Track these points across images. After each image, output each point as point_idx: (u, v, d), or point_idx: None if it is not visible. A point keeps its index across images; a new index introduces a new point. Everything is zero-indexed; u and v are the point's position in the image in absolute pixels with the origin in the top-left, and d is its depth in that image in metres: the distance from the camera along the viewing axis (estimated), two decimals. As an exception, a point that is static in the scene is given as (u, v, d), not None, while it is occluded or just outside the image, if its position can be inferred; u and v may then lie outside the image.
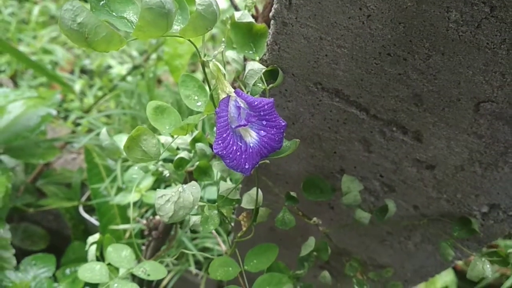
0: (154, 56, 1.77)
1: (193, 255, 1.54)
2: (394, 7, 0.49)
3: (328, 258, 0.91)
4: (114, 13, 0.47)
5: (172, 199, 0.65)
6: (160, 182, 1.52)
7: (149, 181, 1.28)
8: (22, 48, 2.46)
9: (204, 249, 1.61)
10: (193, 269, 1.49)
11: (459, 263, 1.77)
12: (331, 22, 0.54)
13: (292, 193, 0.77)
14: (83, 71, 2.51)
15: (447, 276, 1.67)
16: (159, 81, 2.46)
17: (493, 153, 0.61)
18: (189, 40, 0.51)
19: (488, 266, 0.69)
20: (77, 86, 2.31)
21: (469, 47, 0.49)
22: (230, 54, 0.75)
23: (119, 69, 2.31)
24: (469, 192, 0.69)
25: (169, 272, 1.47)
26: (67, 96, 2.30)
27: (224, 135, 0.53)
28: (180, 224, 1.41)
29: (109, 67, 2.44)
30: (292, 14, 0.55)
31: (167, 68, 2.27)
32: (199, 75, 1.97)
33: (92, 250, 1.05)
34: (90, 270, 0.87)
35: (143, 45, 2.00)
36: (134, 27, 0.46)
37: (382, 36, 0.53)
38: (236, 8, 0.74)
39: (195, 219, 0.71)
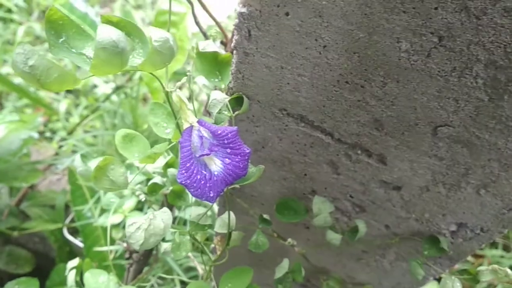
0: (137, 75, 1.78)
1: (179, 275, 1.53)
2: (348, 38, 0.51)
3: (306, 278, 0.92)
4: (73, 50, 0.48)
5: (143, 227, 0.65)
6: (143, 203, 1.52)
7: (132, 202, 1.28)
8: (7, 69, 2.46)
9: (189, 269, 1.61)
10: (178, 289, 1.48)
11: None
12: (290, 52, 0.55)
13: (265, 216, 0.77)
14: (69, 90, 2.51)
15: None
16: (145, 99, 2.47)
17: (454, 175, 0.62)
18: (152, 74, 0.52)
19: (458, 284, 0.70)
20: (63, 105, 2.31)
21: (422, 75, 0.51)
22: (200, 80, 0.76)
23: (104, 88, 2.32)
24: (436, 211, 0.70)
25: (155, 292, 1.47)
26: (52, 116, 2.30)
27: (188, 165, 0.53)
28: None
29: (95, 86, 2.44)
30: (253, 45, 0.57)
31: (152, 86, 2.29)
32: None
33: (71, 275, 1.05)
34: (67, 298, 0.86)
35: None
36: (92, 63, 0.47)
37: (339, 65, 0.54)
38: (205, 35, 0.76)
39: (166, 246, 0.71)
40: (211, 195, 0.55)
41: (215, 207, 0.95)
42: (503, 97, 0.50)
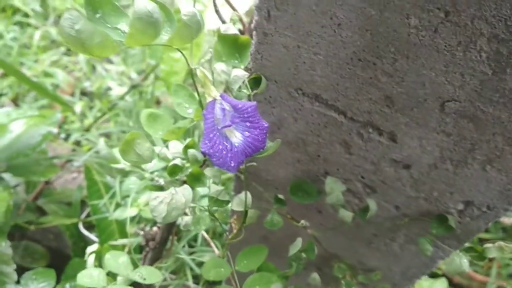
0: (152, 76, 1.84)
1: (191, 269, 1.56)
2: (361, 16, 0.55)
3: (320, 261, 0.95)
4: (109, 25, 0.53)
5: (165, 201, 0.69)
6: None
7: (147, 195, 1.32)
8: (23, 71, 2.53)
9: (202, 264, 1.64)
10: (191, 283, 1.51)
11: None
12: (306, 31, 0.59)
13: (280, 196, 0.81)
14: (84, 93, 2.58)
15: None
16: (158, 103, 2.52)
17: (461, 151, 0.65)
18: (179, 50, 0.56)
19: (465, 260, 0.73)
20: (78, 107, 2.37)
21: (430, 50, 0.55)
22: (220, 67, 0.80)
23: (118, 90, 2.38)
24: (444, 190, 0.73)
25: (167, 286, 1.50)
26: (67, 118, 2.36)
27: (211, 135, 0.57)
28: (177, 237, 1.45)
29: (109, 89, 2.50)
30: (271, 25, 0.61)
31: (165, 89, 2.35)
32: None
33: (90, 259, 1.09)
34: (89, 276, 0.90)
35: (141, 65, 2.07)
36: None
37: (352, 43, 0.58)
38: (223, 22, 0.80)
39: (187, 219, 0.75)
40: (232, 164, 0.59)
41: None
42: (506, 70, 0.53)
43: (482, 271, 1.82)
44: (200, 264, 1.64)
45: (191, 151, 0.82)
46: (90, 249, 1.12)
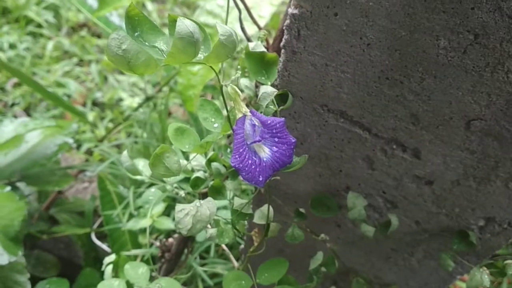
0: (165, 88, 1.86)
1: (203, 282, 1.57)
2: (391, 37, 0.56)
3: (336, 275, 0.95)
4: (147, 43, 0.54)
5: (191, 213, 0.71)
6: (170, 209, 1.58)
7: (160, 207, 1.33)
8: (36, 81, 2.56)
9: (214, 275, 1.64)
10: (203, 295, 1.51)
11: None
12: (335, 50, 0.61)
13: (301, 209, 0.82)
14: (95, 103, 2.61)
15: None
16: (169, 114, 2.54)
17: (485, 168, 0.66)
18: (211, 67, 0.58)
19: (486, 276, 0.74)
20: (89, 118, 2.39)
21: (458, 70, 0.56)
22: (243, 82, 0.82)
23: (130, 101, 2.41)
24: (466, 206, 0.74)
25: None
26: (79, 128, 2.38)
27: (241, 150, 0.59)
28: (191, 249, 1.45)
29: (120, 99, 2.53)
30: (301, 44, 0.63)
31: (176, 101, 2.37)
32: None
33: (108, 270, 1.10)
34: (109, 286, 0.91)
35: (155, 77, 2.10)
36: (164, 55, 0.54)
37: (380, 62, 0.59)
38: (249, 40, 0.82)
39: (211, 231, 0.76)
40: (260, 179, 0.60)
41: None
42: (533, 90, 0.55)
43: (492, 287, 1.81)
44: (212, 276, 1.65)
45: (214, 164, 0.84)
46: (108, 259, 1.13)
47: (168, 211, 1.56)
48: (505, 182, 0.67)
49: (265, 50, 0.69)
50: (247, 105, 0.87)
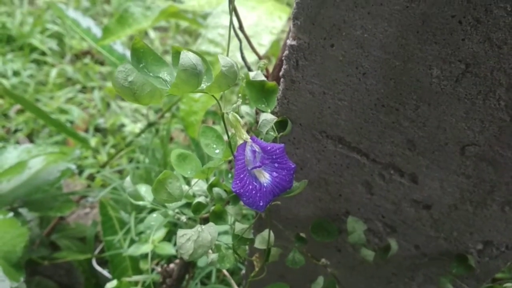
0: (167, 114, 1.89)
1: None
2: (385, 66, 0.59)
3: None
4: (151, 74, 0.57)
5: (192, 238, 0.72)
6: (171, 234, 1.58)
7: (161, 232, 1.34)
8: (39, 107, 2.59)
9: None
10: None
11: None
12: (333, 79, 0.63)
13: (302, 234, 0.83)
14: (97, 129, 2.63)
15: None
16: (171, 139, 2.56)
17: (481, 192, 0.68)
18: (213, 96, 0.60)
19: (486, 300, 0.74)
20: (92, 143, 2.42)
21: (451, 98, 0.58)
22: (244, 108, 0.84)
23: (132, 127, 2.44)
24: (464, 230, 0.75)
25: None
26: (81, 154, 2.40)
27: (242, 176, 0.60)
28: (192, 274, 1.45)
29: (123, 125, 2.56)
30: (299, 73, 0.65)
31: (178, 126, 2.40)
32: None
33: (110, 297, 1.10)
34: (110, 313, 0.91)
35: (157, 104, 2.13)
36: (168, 85, 0.56)
37: (376, 90, 0.62)
38: (249, 69, 0.85)
39: (213, 256, 0.77)
40: (261, 204, 0.61)
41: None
42: (524, 117, 0.57)
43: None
44: (212, 302, 1.64)
45: (216, 190, 0.85)
46: (109, 285, 1.13)
47: (169, 237, 1.57)
48: (501, 206, 0.68)
49: (265, 79, 0.72)
50: (247, 131, 0.89)
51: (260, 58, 0.84)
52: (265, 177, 0.62)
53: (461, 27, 0.52)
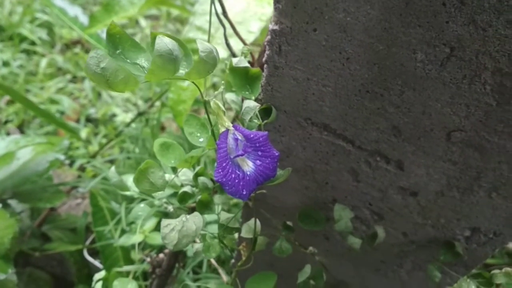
0: (158, 103, 1.87)
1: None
2: (369, 51, 0.57)
3: (326, 288, 0.95)
4: (128, 60, 0.55)
5: (176, 228, 0.71)
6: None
7: (152, 222, 1.33)
8: (29, 98, 2.56)
9: (206, 291, 1.63)
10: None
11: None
12: (316, 64, 0.62)
13: (289, 223, 0.82)
14: (89, 119, 2.61)
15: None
16: (162, 128, 2.55)
17: (467, 178, 0.67)
18: (193, 82, 0.59)
19: (473, 286, 0.74)
20: (83, 134, 2.40)
21: (436, 82, 0.57)
22: (230, 97, 0.83)
23: (123, 117, 2.41)
24: (451, 216, 0.74)
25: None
26: (72, 144, 2.38)
27: (224, 164, 0.59)
28: (182, 264, 1.44)
29: (114, 115, 2.54)
30: (282, 59, 0.63)
31: (169, 115, 2.38)
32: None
33: (98, 286, 1.09)
34: (98, 303, 0.90)
35: (148, 93, 2.11)
36: (145, 71, 0.54)
37: (360, 76, 0.60)
38: (234, 55, 0.83)
39: (197, 246, 0.76)
40: (244, 193, 0.60)
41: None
42: (510, 101, 0.56)
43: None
44: (204, 291, 1.64)
45: (201, 179, 0.84)
46: (98, 276, 1.13)
47: (160, 226, 1.56)
48: (488, 192, 0.68)
49: (248, 65, 0.70)
50: (233, 120, 0.88)
51: (245, 44, 0.83)
52: (248, 166, 0.61)
53: (445, 9, 0.50)
